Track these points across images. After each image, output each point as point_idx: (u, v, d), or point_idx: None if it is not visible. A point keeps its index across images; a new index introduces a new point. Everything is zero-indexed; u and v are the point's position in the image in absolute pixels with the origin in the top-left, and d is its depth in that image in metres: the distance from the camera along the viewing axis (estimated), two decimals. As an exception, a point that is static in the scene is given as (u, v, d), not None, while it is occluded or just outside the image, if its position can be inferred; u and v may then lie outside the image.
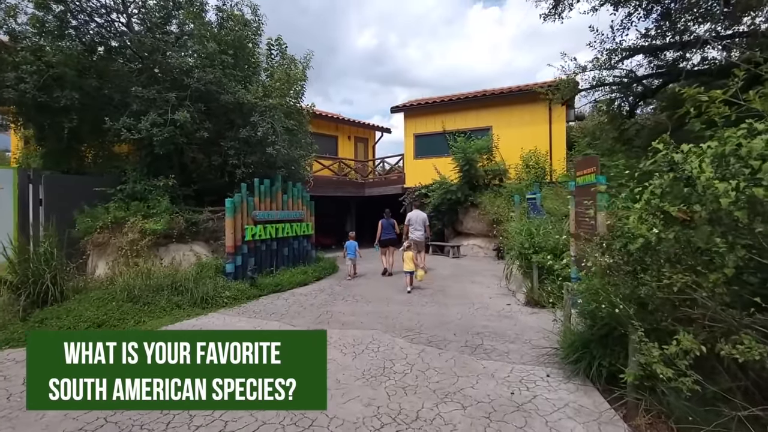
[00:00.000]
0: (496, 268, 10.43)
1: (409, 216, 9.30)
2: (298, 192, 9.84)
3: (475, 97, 15.00)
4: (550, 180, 12.86)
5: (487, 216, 12.35)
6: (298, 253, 9.76)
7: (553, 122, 13.93)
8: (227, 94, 8.04)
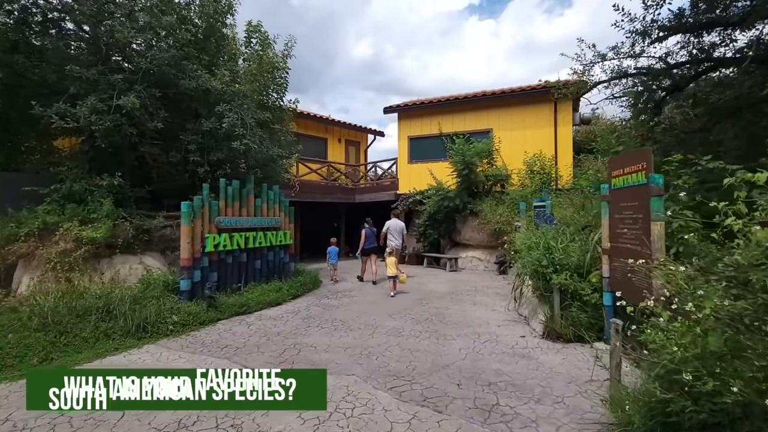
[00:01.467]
0: (499, 284, 9.21)
1: (388, 224, 9.44)
2: (274, 196, 8.58)
3: (474, 97, 13.92)
4: (556, 186, 11.73)
5: (489, 225, 11.16)
6: (274, 266, 8.47)
7: (558, 125, 12.86)
8: (189, 79, 6.81)
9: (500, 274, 10.79)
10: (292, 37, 8.97)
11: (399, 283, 8.09)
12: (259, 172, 8.54)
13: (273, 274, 8.37)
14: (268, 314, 6.53)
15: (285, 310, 6.80)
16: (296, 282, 8.37)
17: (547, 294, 5.29)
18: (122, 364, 4.31)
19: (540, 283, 5.40)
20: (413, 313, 6.53)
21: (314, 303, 7.37)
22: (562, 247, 5.61)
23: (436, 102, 14.50)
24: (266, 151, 7.75)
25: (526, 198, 10.87)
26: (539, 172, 11.96)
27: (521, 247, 7.01)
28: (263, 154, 7.76)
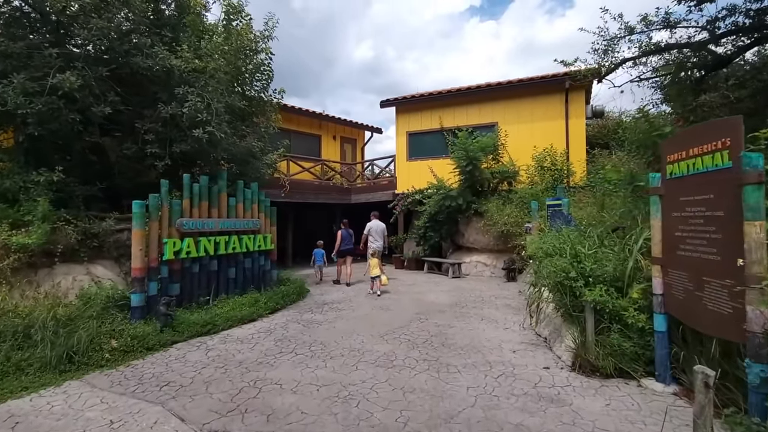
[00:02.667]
0: (509, 293, 8.13)
1: (369, 226, 9.33)
2: (252, 195, 7.54)
3: (478, 89, 12.87)
4: (568, 184, 10.65)
5: (495, 227, 10.08)
6: (252, 275, 7.41)
7: (570, 117, 11.79)
8: (144, 57, 5.78)
9: (509, 281, 9.71)
10: (273, 16, 7.91)
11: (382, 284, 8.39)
12: (234, 167, 7.52)
13: (250, 283, 7.32)
14: (237, 334, 5.47)
15: (258, 329, 5.74)
16: (277, 293, 7.31)
17: (577, 314, 4.21)
18: (22, 411, 3.26)
19: (566, 299, 4.33)
20: (409, 332, 5.45)
21: (294, 318, 6.31)
22: (591, 253, 4.54)
23: (437, 94, 13.46)
24: (239, 143, 6.70)
25: (537, 197, 9.80)
26: (550, 168, 10.89)
27: (537, 253, 5.96)
28: (238, 147, 6.72)
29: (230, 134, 6.50)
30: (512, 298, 7.67)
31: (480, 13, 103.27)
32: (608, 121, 14.00)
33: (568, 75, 11.30)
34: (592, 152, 11.33)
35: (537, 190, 10.12)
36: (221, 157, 6.58)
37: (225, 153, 6.68)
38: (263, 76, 8.62)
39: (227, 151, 6.73)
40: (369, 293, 8.21)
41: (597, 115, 13.39)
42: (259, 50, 7.76)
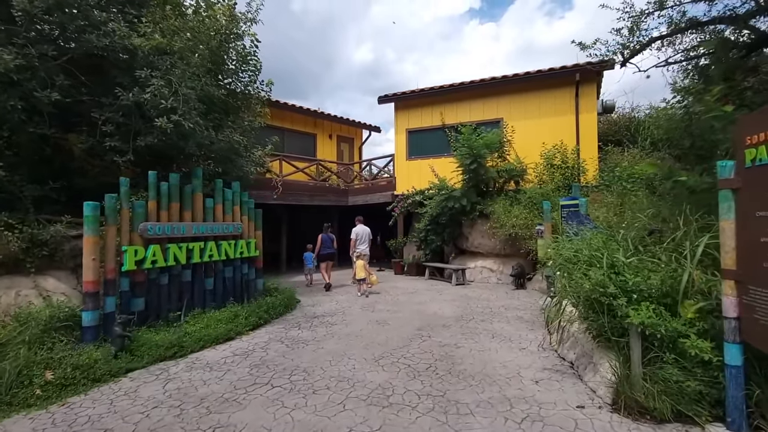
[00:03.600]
0: (519, 303, 7.32)
1: (355, 231, 9.25)
2: (234, 196, 6.75)
3: (482, 83, 12.08)
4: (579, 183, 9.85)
5: (502, 230, 9.29)
6: (233, 286, 6.62)
7: (581, 111, 11.02)
8: (101, 36, 5.00)
9: (517, 288, 8.91)
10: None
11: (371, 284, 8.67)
12: (213, 165, 6.73)
13: (231, 295, 6.52)
14: (208, 358, 4.66)
15: (234, 350, 4.93)
16: (261, 305, 6.50)
17: (616, 338, 3.40)
18: None
19: (603, 319, 3.51)
20: (410, 354, 4.65)
21: (278, 336, 5.50)
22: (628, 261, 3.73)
23: (438, 89, 12.69)
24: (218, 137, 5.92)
25: (547, 197, 9.02)
26: (561, 166, 10.10)
27: (556, 260, 5.17)
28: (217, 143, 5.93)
29: (205, 126, 5.71)
30: (524, 309, 6.86)
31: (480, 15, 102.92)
32: (620, 118, 13.23)
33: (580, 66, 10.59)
34: (605, 149, 10.57)
35: (547, 190, 9.34)
36: (196, 152, 5.78)
37: (200, 148, 5.90)
38: (249, 66, 7.88)
39: (203, 147, 5.95)
40: (358, 296, 8.33)
41: (608, 111, 12.62)
42: (241, 34, 6.96)
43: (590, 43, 6.51)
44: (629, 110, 13.31)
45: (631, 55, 6.13)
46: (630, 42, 6.16)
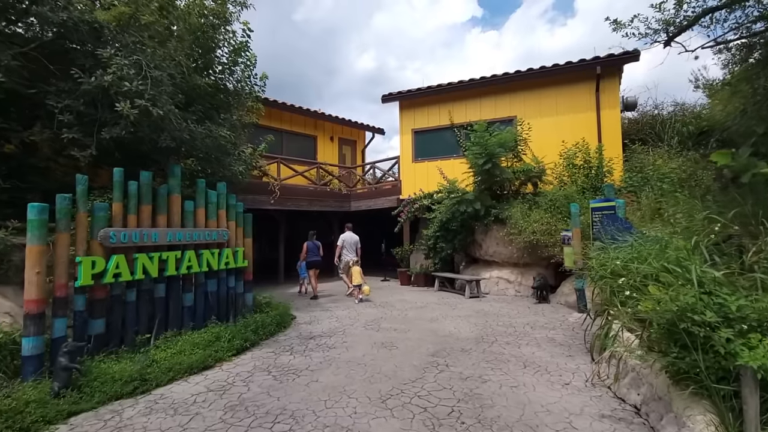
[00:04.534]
0: (545, 320, 6.39)
1: (342, 238, 9.13)
2: (219, 198, 5.92)
3: (494, 79, 11.26)
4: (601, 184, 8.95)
5: (521, 237, 8.38)
6: (217, 301, 5.75)
7: (603, 108, 10.16)
8: (57, 10, 4.21)
9: (540, 302, 7.97)
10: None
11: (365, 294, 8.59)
12: (196, 164, 5.91)
13: (215, 313, 5.65)
14: (175, 395, 3.78)
15: (210, 384, 4.04)
16: (249, 324, 5.62)
17: (717, 385, 2.48)
18: None
19: (695, 356, 2.59)
20: (425, 391, 3.74)
21: (265, 364, 4.60)
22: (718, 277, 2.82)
23: (446, 87, 11.87)
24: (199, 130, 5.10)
25: (571, 199, 8.13)
26: (583, 166, 9.21)
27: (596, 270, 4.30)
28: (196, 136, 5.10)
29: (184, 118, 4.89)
30: (553, 328, 5.93)
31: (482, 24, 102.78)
32: (642, 115, 12.34)
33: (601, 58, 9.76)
34: (632, 147, 9.68)
35: (570, 192, 8.44)
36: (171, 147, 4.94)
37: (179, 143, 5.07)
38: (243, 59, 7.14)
39: (183, 142, 5.11)
40: (356, 302, 8.32)
41: (629, 108, 11.74)
42: (229, 17, 6.18)
43: (626, 21, 5.68)
44: (652, 107, 12.41)
45: (678, 32, 5.27)
46: (675, 18, 5.31)
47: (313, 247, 9.09)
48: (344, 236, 9.13)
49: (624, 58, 9.75)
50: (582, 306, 6.62)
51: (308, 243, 9.13)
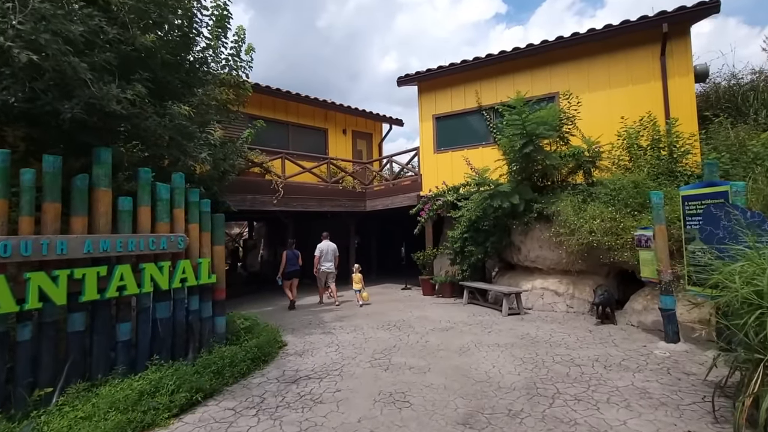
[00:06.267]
0: (620, 351, 4.54)
1: (320, 247, 8.94)
2: (172, 194, 4.47)
3: (530, 50, 9.42)
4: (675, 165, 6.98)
5: (574, 238, 6.54)
6: (171, 331, 4.30)
7: (671, 76, 8.16)
8: None
9: (602, 321, 6.11)
10: None
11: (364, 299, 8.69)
12: (144, 150, 4.49)
13: (166, 347, 4.20)
14: None
15: (110, 480, 2.55)
16: (212, 362, 4.14)
17: None
18: None
19: None
20: None
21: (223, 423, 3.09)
22: None
23: (473, 63, 10.12)
24: (133, 99, 3.66)
25: (641, 187, 6.28)
26: (654, 146, 7.28)
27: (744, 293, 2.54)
28: (125, 105, 3.67)
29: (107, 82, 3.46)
30: (638, 368, 4.12)
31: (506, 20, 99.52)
32: (715, 86, 10.17)
33: (668, 13, 7.79)
34: (715, 121, 7.66)
35: (639, 178, 6.54)
36: (87, 119, 3.53)
37: (104, 117, 3.64)
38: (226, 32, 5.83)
39: (113, 116, 3.69)
40: (359, 306, 8.42)
41: (699, 78, 9.60)
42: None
43: None
44: (728, 76, 10.21)
45: None
46: None
47: (292, 256, 8.82)
48: (321, 245, 8.93)
49: (698, 10, 7.76)
50: (672, 334, 4.76)
51: (287, 252, 8.84)
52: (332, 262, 8.89)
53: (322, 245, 8.96)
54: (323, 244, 8.98)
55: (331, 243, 9.08)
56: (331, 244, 9.07)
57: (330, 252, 8.93)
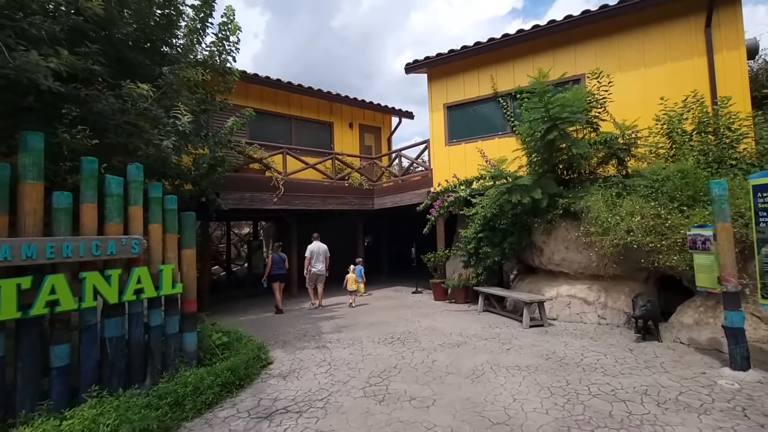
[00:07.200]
0: (673, 379, 3.58)
1: (310, 249, 8.63)
2: (131, 189, 3.78)
3: (551, 27, 8.42)
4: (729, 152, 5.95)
5: (608, 238, 5.58)
6: (127, 352, 3.61)
7: (717, 50, 7.09)
8: None
9: (643, 337, 5.15)
10: None
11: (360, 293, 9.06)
12: (86, 135, 3.80)
13: (118, 372, 3.50)
14: None
15: None
16: (171, 391, 3.42)
17: None
18: None
19: None
20: None
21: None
22: None
23: (487, 45, 9.18)
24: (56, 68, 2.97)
25: (689, 177, 5.30)
26: (702, 130, 6.26)
27: None
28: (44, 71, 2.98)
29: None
30: (704, 408, 3.20)
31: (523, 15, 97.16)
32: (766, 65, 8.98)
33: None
34: None
35: (687, 167, 5.53)
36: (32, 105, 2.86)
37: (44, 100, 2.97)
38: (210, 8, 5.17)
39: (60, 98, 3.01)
40: (352, 306, 8.43)
41: (748, 55, 8.46)
42: None
43: None
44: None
45: None
46: None
47: (279, 259, 8.63)
48: (311, 247, 8.69)
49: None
50: (740, 359, 3.81)
51: (273, 255, 8.67)
52: (323, 264, 8.65)
53: (312, 246, 8.70)
54: (313, 246, 8.71)
55: (321, 244, 8.80)
56: (321, 245, 8.78)
57: (321, 254, 8.68)
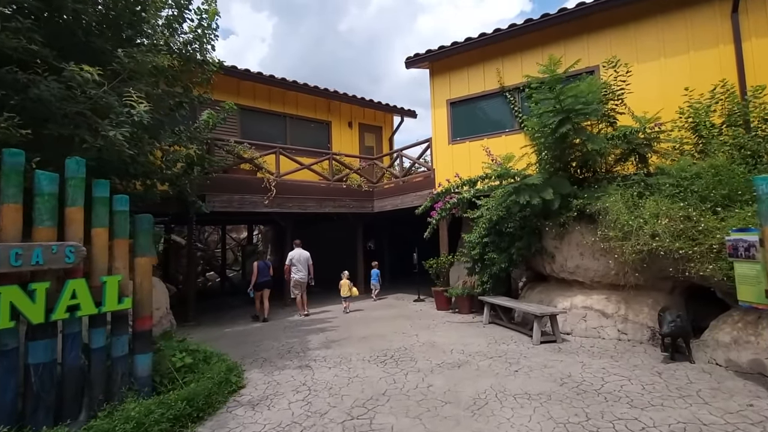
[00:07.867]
0: (716, 414, 2.91)
1: (291, 255, 8.48)
2: (70, 188, 3.22)
3: (562, 15, 7.79)
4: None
5: (629, 243, 4.91)
6: (59, 382, 3.04)
7: (746, 38, 6.43)
8: None
9: (672, 357, 4.47)
10: None
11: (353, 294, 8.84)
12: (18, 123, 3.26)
13: (46, 406, 2.93)
14: None
15: None
16: (106, 430, 2.83)
17: None
18: None
19: None
20: None
21: None
22: None
23: (492, 36, 8.58)
24: None
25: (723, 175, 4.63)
26: (732, 123, 5.58)
27: None
28: None
29: None
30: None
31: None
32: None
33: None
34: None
35: (719, 163, 4.85)
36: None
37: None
38: None
39: None
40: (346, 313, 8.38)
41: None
42: None
43: None
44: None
45: None
46: None
47: (264, 267, 8.41)
48: (292, 254, 8.51)
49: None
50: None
51: (259, 263, 8.41)
52: (304, 271, 8.40)
53: (293, 253, 8.49)
54: (295, 252, 8.50)
55: (303, 251, 8.59)
56: (303, 252, 8.57)
57: (303, 260, 8.46)
